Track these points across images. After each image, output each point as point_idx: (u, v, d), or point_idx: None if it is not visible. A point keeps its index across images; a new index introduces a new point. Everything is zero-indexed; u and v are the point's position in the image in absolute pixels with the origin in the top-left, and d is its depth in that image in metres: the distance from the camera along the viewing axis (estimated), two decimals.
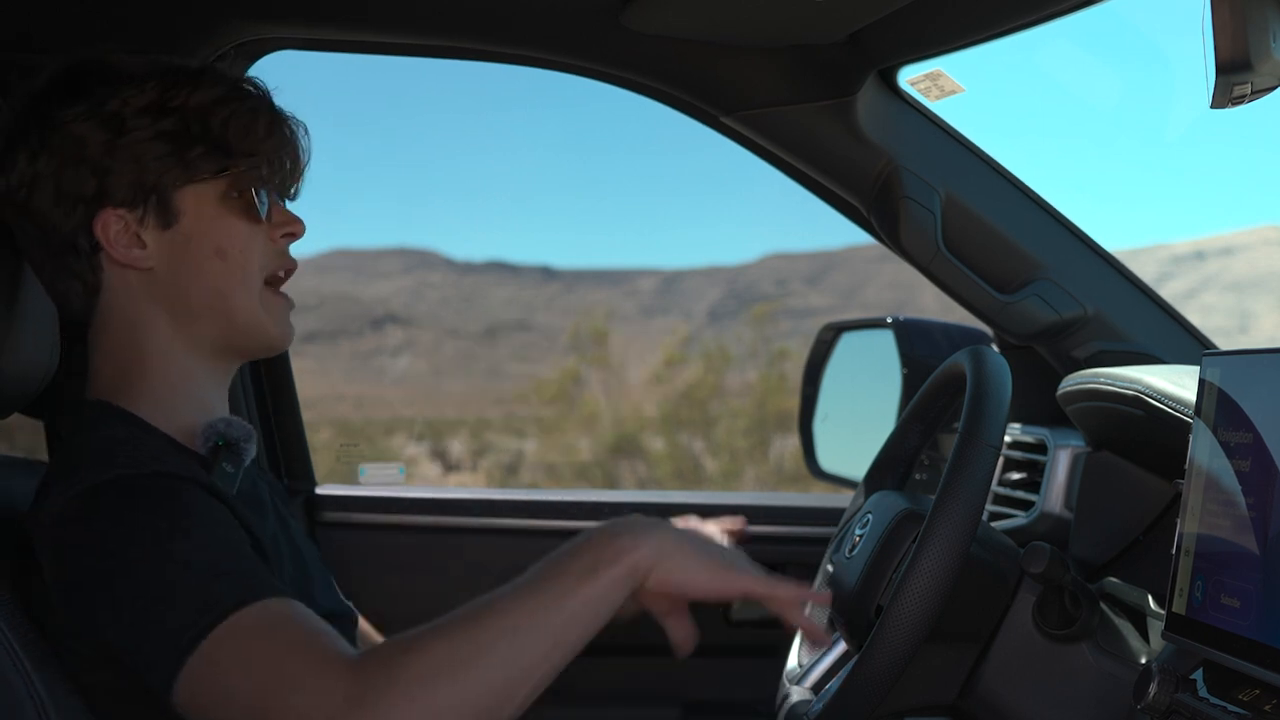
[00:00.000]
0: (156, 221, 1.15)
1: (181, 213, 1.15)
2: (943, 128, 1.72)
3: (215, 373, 1.21)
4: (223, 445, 1.15)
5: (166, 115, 1.15)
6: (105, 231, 1.14)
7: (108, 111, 1.14)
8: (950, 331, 1.96)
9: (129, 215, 1.15)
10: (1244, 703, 0.96)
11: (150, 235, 1.15)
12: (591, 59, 1.69)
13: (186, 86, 1.16)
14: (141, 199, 1.14)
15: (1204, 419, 1.06)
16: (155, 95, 1.15)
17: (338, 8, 1.63)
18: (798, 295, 20.53)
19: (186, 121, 1.15)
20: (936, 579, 1.08)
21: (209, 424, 1.16)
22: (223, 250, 1.16)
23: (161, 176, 1.14)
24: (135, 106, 1.14)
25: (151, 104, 1.15)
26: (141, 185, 1.14)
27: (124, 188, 1.14)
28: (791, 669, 1.45)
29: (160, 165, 1.14)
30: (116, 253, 1.15)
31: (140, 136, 1.14)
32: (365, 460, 2.17)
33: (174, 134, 1.15)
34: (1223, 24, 0.87)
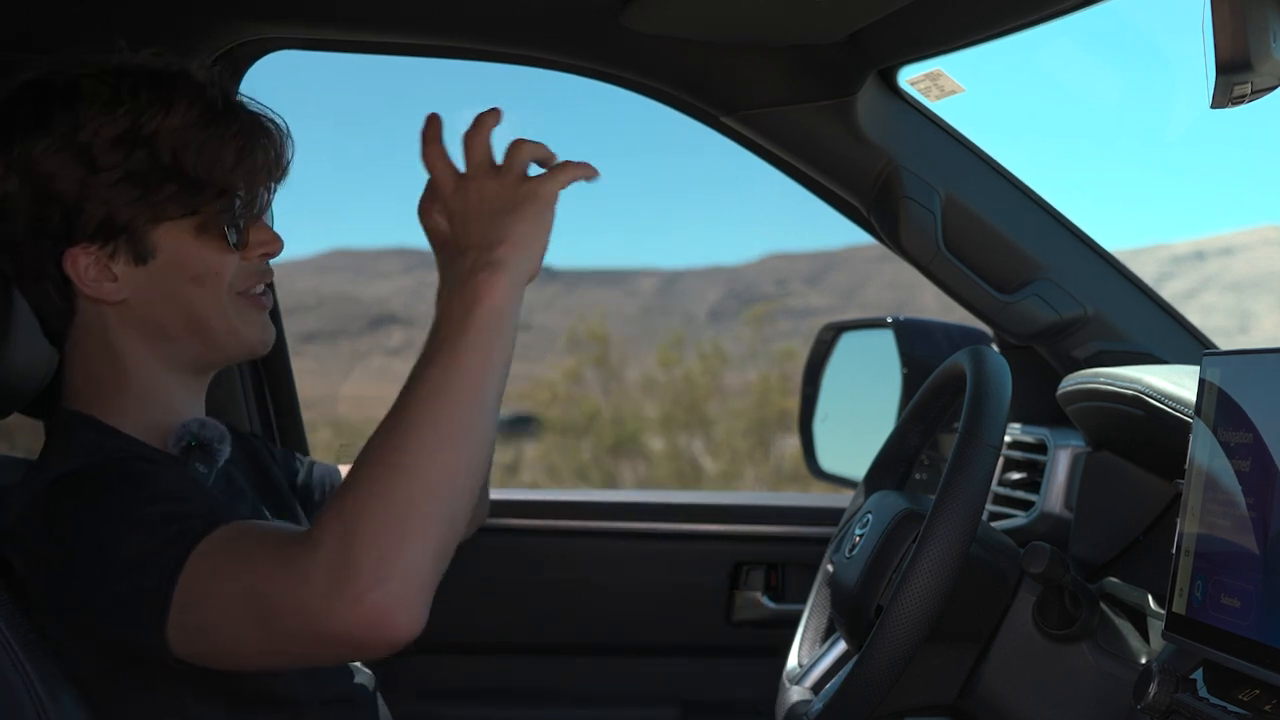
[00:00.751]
0: (129, 257, 1.13)
1: (156, 249, 1.13)
2: (943, 128, 1.72)
3: (190, 383, 1.20)
4: (195, 446, 1.15)
5: (138, 147, 1.11)
6: (75, 267, 1.12)
7: (79, 143, 1.10)
8: (950, 331, 1.96)
9: (99, 251, 1.12)
10: (1244, 703, 0.96)
11: (121, 269, 1.13)
12: (591, 59, 1.69)
13: (159, 110, 1.12)
14: (112, 236, 1.12)
15: (1204, 419, 1.06)
16: (127, 123, 1.11)
17: (338, 8, 1.63)
18: (798, 295, 20.52)
19: (157, 155, 1.11)
20: (936, 579, 1.08)
21: (182, 424, 1.15)
22: (200, 277, 1.14)
23: (132, 218, 1.11)
24: (106, 137, 1.10)
25: (123, 134, 1.11)
26: (112, 225, 1.11)
27: (94, 226, 1.11)
28: (791, 669, 1.45)
29: (131, 208, 1.11)
30: (86, 288, 1.13)
31: (110, 177, 1.10)
32: None
33: (144, 173, 1.11)
34: (1223, 24, 0.87)
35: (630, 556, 2.02)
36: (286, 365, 1.97)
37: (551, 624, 2.03)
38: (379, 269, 21.84)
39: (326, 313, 19.99)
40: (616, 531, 2.03)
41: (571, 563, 2.02)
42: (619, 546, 2.02)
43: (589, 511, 2.06)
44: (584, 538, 2.03)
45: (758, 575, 2.03)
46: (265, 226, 1.20)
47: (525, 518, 2.03)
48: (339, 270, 21.62)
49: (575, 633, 2.03)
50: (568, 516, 2.04)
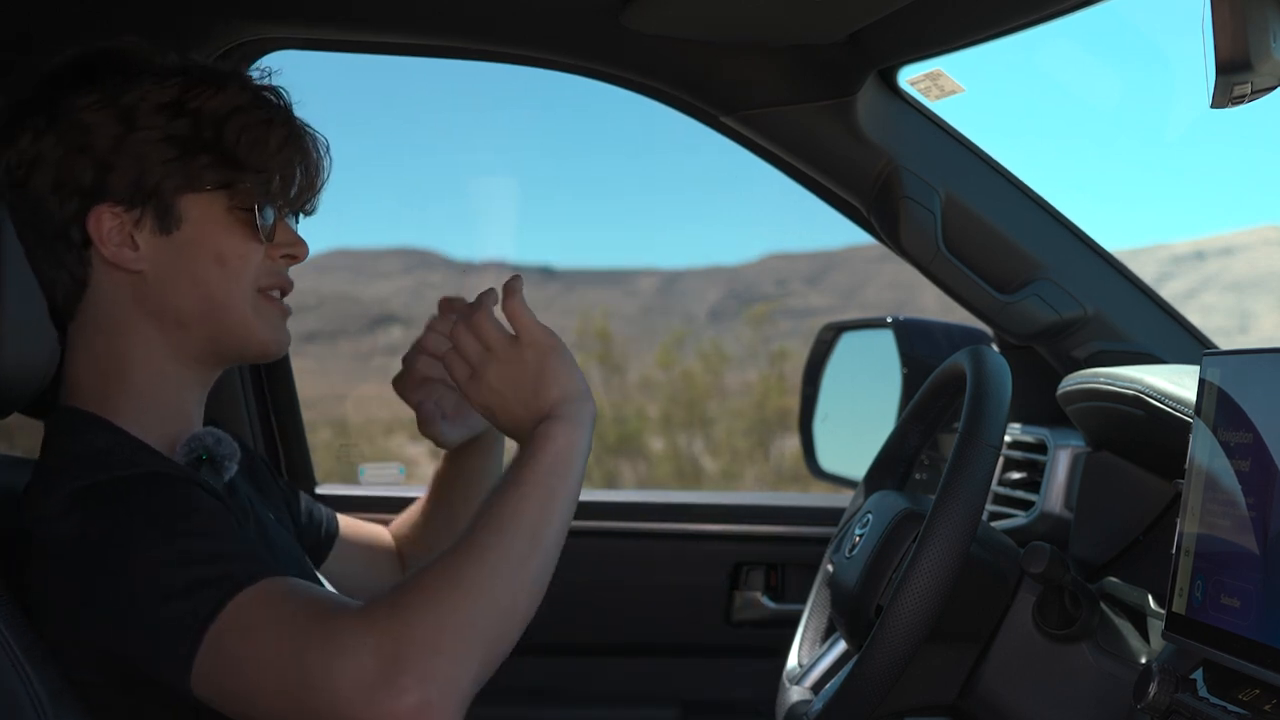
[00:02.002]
0: (154, 225, 1.12)
1: (183, 220, 1.12)
2: (943, 128, 1.72)
3: (196, 380, 1.18)
4: (205, 459, 1.14)
5: (181, 116, 1.12)
6: (98, 227, 1.11)
7: (123, 104, 1.11)
8: (950, 331, 1.96)
9: (125, 214, 1.11)
10: (1244, 703, 0.96)
11: (145, 238, 1.12)
12: (591, 59, 1.69)
13: (209, 89, 1.13)
14: (140, 200, 1.11)
15: (1204, 419, 1.06)
16: (175, 93, 1.12)
17: (338, 8, 1.63)
18: (798, 295, 20.52)
19: (200, 126, 1.12)
20: (936, 579, 1.08)
21: (194, 435, 1.14)
22: (223, 257, 1.13)
23: (163, 180, 1.11)
24: (152, 103, 1.11)
25: (169, 102, 1.12)
26: (142, 186, 1.11)
27: (124, 186, 1.11)
28: (791, 669, 1.45)
29: (163, 169, 1.11)
30: (107, 250, 1.12)
31: (149, 136, 1.11)
32: (365, 460, 2.17)
33: (184, 139, 1.11)
34: (1223, 24, 0.87)
35: (630, 556, 2.02)
36: (286, 365, 1.97)
37: (551, 624, 2.02)
38: (379, 269, 21.84)
39: (326, 313, 19.99)
40: (616, 531, 2.03)
41: (571, 562, 2.01)
42: (619, 546, 2.02)
43: (589, 511, 2.06)
44: (584, 538, 2.03)
45: (758, 575, 2.03)
46: (293, 230, 1.19)
47: None
48: (339, 270, 21.62)
49: (575, 632, 2.03)
50: None
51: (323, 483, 2.05)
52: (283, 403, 1.97)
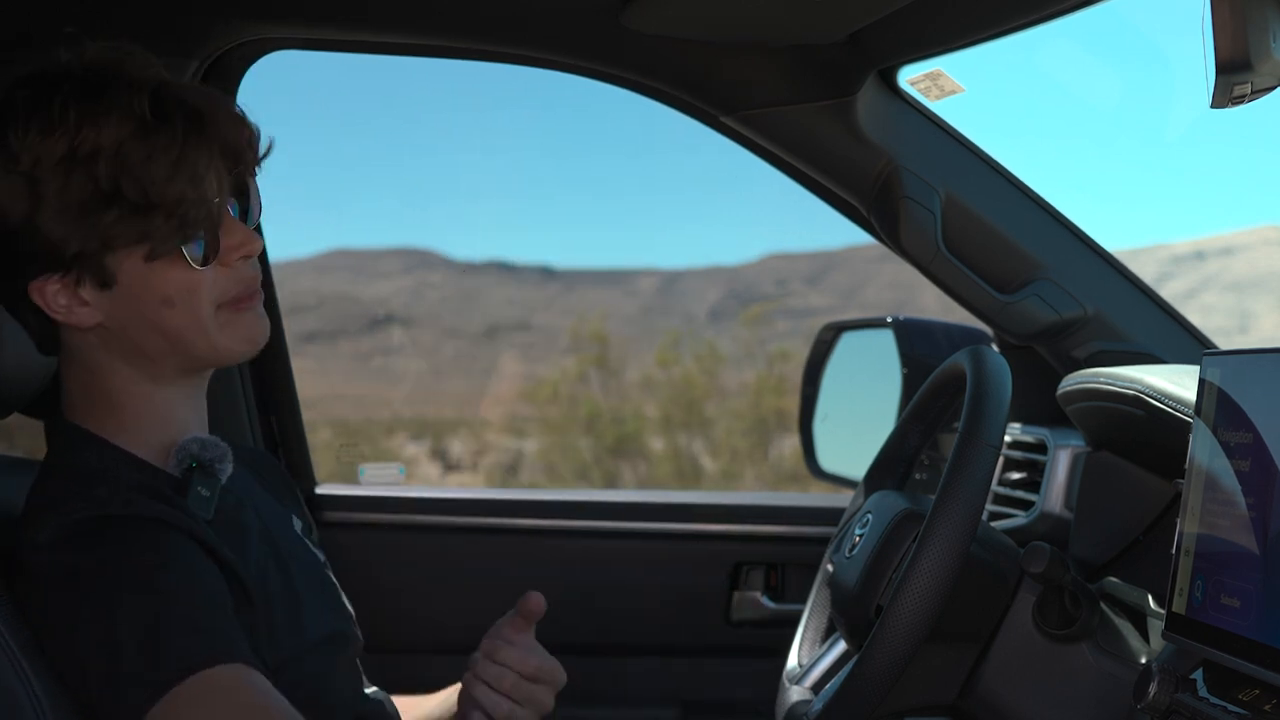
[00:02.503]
0: (93, 283, 1.09)
1: (117, 274, 1.09)
2: (943, 128, 1.72)
3: (183, 392, 1.18)
4: (195, 467, 1.13)
5: (75, 170, 1.06)
6: (43, 298, 1.10)
7: (23, 170, 1.06)
8: (950, 331, 1.96)
9: (62, 280, 1.09)
10: (1244, 703, 0.96)
11: (90, 294, 1.10)
12: (591, 59, 1.69)
13: (91, 128, 1.06)
14: (71, 265, 1.08)
15: (1204, 419, 1.06)
16: (64, 146, 1.06)
17: (338, 8, 1.63)
18: (798, 295, 20.52)
19: (96, 178, 1.06)
20: (936, 579, 1.08)
21: (181, 445, 1.14)
22: (169, 299, 1.10)
23: (82, 248, 1.07)
24: (47, 163, 1.06)
25: (62, 157, 1.06)
26: (66, 256, 1.08)
27: (49, 258, 1.08)
28: (791, 669, 1.45)
29: (79, 237, 1.07)
30: (58, 315, 1.10)
31: (51, 205, 1.06)
32: (365, 460, 2.17)
33: (85, 200, 1.06)
34: (1223, 24, 0.87)
35: (630, 556, 2.02)
36: (286, 366, 1.97)
37: (551, 624, 2.03)
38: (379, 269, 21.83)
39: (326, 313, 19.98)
40: (616, 531, 2.03)
41: (572, 563, 2.02)
42: (619, 546, 2.02)
43: (589, 511, 2.06)
44: (584, 538, 2.03)
45: (758, 575, 2.03)
46: (239, 226, 1.13)
47: (525, 517, 2.03)
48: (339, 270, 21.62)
49: (575, 632, 2.03)
50: (568, 516, 2.04)
51: (323, 483, 2.05)
52: (283, 403, 1.97)
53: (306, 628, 1.16)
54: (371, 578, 1.92)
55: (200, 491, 1.12)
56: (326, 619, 1.22)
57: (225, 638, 1.03)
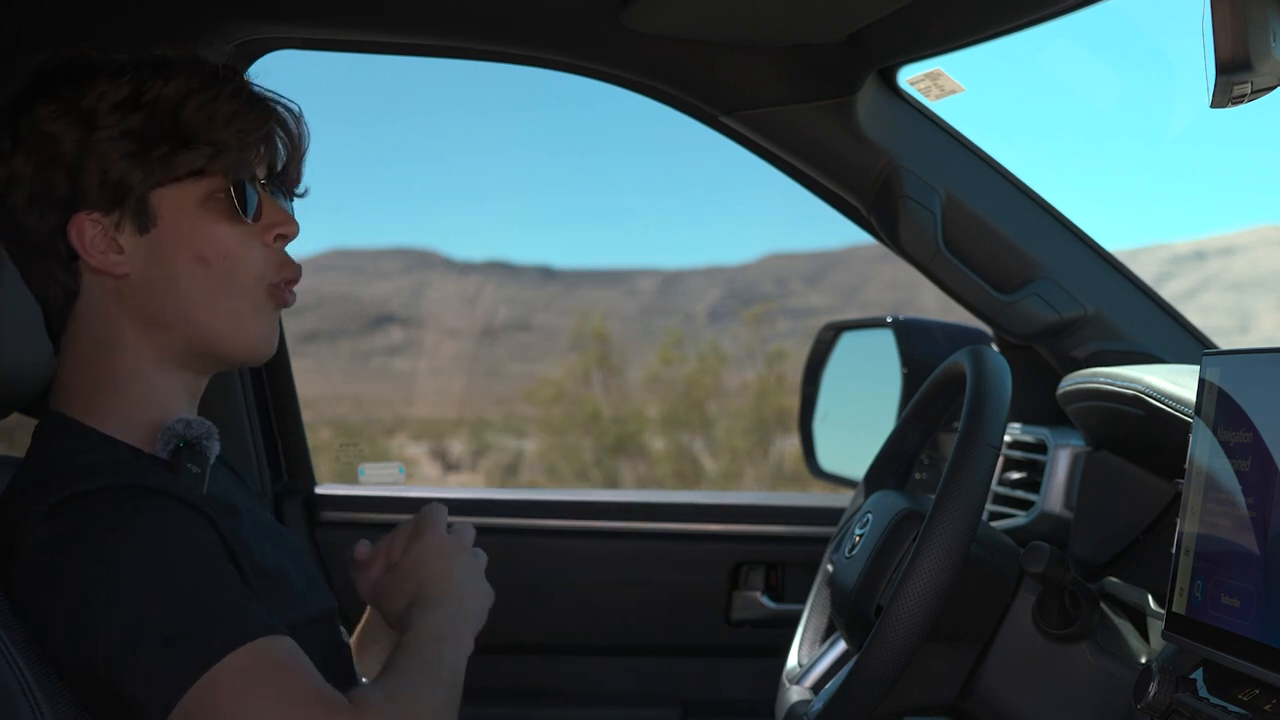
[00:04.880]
0: (134, 225, 1.10)
1: (159, 216, 1.11)
2: (943, 127, 1.72)
3: (186, 385, 1.17)
4: (184, 447, 1.12)
5: (136, 110, 1.10)
6: (80, 236, 1.10)
7: (82, 108, 1.10)
8: (950, 331, 1.96)
9: (105, 219, 1.10)
10: (1244, 703, 0.96)
11: (127, 240, 1.11)
12: (591, 59, 1.70)
13: (160, 78, 1.11)
14: (116, 202, 1.10)
15: (1204, 419, 1.06)
16: (129, 89, 1.10)
17: (338, 8, 1.63)
18: (798, 295, 20.53)
19: (157, 116, 1.10)
20: (936, 579, 1.08)
21: (167, 427, 1.12)
22: (204, 257, 1.11)
23: (127, 176, 1.09)
24: (109, 102, 1.10)
25: (124, 99, 1.10)
26: (110, 186, 1.10)
27: (95, 190, 1.10)
28: (791, 669, 1.45)
29: (126, 164, 1.09)
30: (92, 258, 1.10)
31: (107, 135, 1.09)
32: (365, 460, 2.17)
33: (140, 131, 1.10)
34: (1223, 24, 0.87)
35: (630, 556, 2.02)
36: (286, 365, 1.97)
37: (551, 624, 2.03)
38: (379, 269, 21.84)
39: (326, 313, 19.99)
40: (616, 531, 2.03)
41: (572, 563, 2.02)
42: (619, 546, 2.02)
43: (589, 511, 2.06)
44: (584, 538, 2.03)
45: (758, 575, 2.03)
46: (281, 208, 1.16)
47: (525, 517, 2.03)
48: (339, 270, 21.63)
49: (575, 632, 2.03)
50: (568, 516, 2.04)
51: (323, 483, 2.05)
52: (283, 403, 1.97)
53: (302, 607, 1.16)
54: None
55: (192, 469, 1.11)
56: (317, 599, 1.22)
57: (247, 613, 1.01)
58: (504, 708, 2.01)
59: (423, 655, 1.11)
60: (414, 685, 1.07)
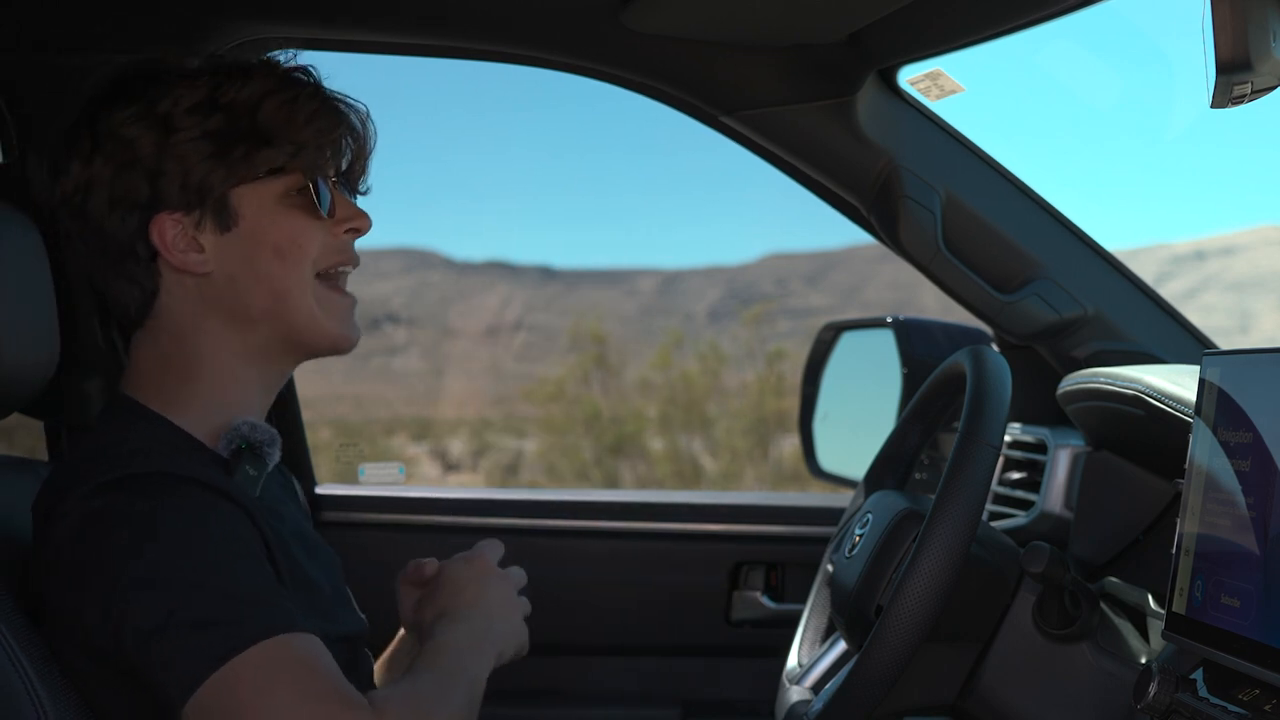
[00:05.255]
0: (214, 224, 1.13)
1: (240, 215, 1.13)
2: (943, 127, 1.72)
3: (268, 377, 1.19)
4: (245, 448, 1.13)
5: (215, 112, 1.13)
6: (162, 237, 1.13)
7: (159, 112, 1.12)
8: (950, 331, 1.96)
9: (185, 219, 1.13)
10: (1244, 703, 0.96)
11: (208, 239, 1.13)
12: (591, 59, 1.70)
13: (237, 81, 1.14)
14: (196, 202, 1.13)
15: (1204, 419, 1.06)
16: (205, 92, 1.13)
17: (338, 8, 1.63)
18: (798, 295, 20.54)
19: (234, 118, 1.13)
20: (936, 579, 1.08)
21: (233, 426, 1.14)
22: (280, 249, 1.14)
23: (208, 176, 1.12)
24: (186, 105, 1.13)
25: (201, 102, 1.13)
26: (192, 187, 1.12)
27: (176, 191, 1.12)
28: (791, 669, 1.45)
29: (206, 165, 1.12)
30: (174, 258, 1.13)
31: (186, 136, 1.12)
32: (365, 460, 2.17)
33: (219, 132, 1.13)
34: (1223, 24, 0.87)
35: (630, 556, 2.02)
36: None
37: (551, 624, 2.02)
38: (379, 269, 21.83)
39: None
40: (616, 531, 2.03)
41: (572, 563, 2.02)
42: (619, 546, 2.02)
43: (589, 511, 2.06)
44: (584, 538, 2.03)
45: (758, 575, 2.03)
46: (351, 203, 1.20)
47: (525, 517, 2.03)
48: None
49: (575, 632, 2.03)
50: (568, 516, 2.04)
51: (323, 483, 2.05)
52: (283, 403, 1.97)
53: (331, 621, 1.16)
54: (371, 578, 1.92)
55: (248, 471, 1.13)
56: (347, 618, 1.23)
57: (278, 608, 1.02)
58: (504, 707, 2.01)
59: (444, 665, 1.10)
60: (433, 691, 1.06)
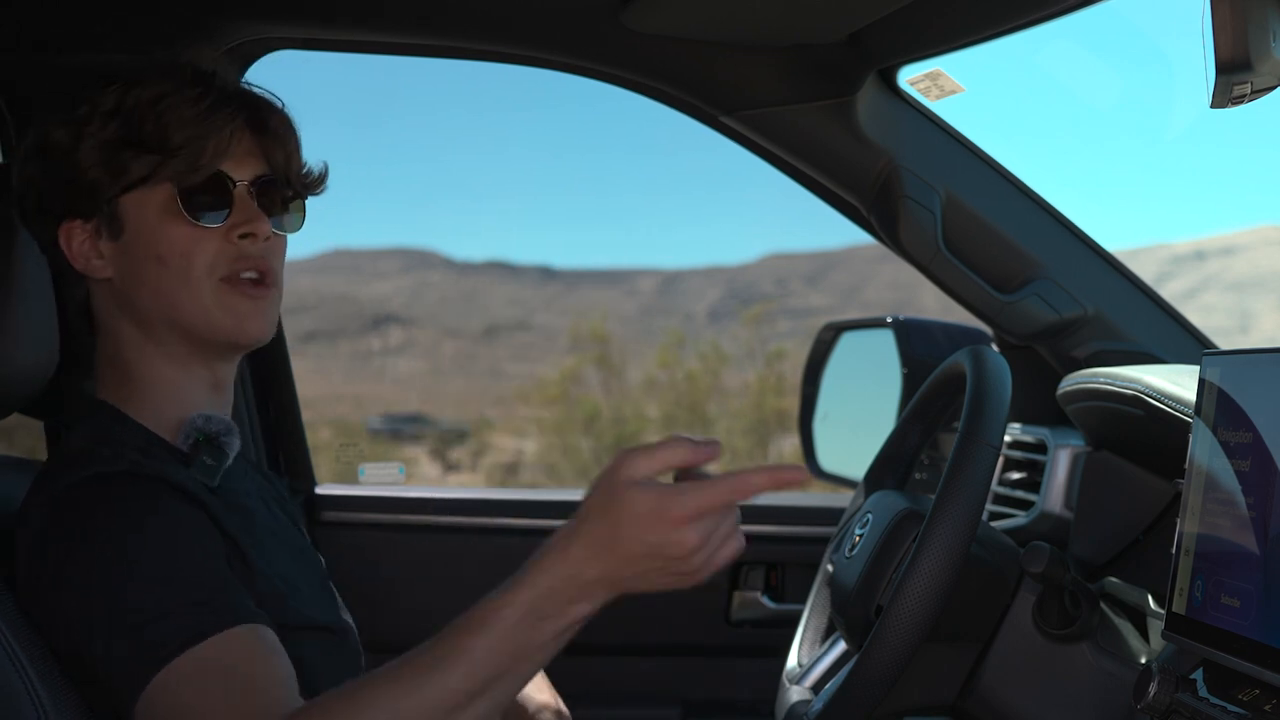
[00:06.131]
0: (108, 231, 1.15)
1: (126, 222, 1.14)
2: (943, 128, 1.72)
3: (198, 376, 1.19)
4: (202, 440, 1.15)
5: (116, 118, 1.13)
6: (68, 242, 1.15)
7: (77, 117, 1.14)
8: (950, 331, 1.96)
9: (85, 226, 1.15)
10: (1244, 703, 0.96)
11: (106, 246, 1.15)
12: (591, 59, 1.70)
13: (140, 85, 1.14)
14: (93, 209, 1.14)
15: (1204, 419, 1.06)
16: (114, 99, 1.14)
17: (338, 8, 1.63)
18: (798, 295, 20.54)
19: (131, 124, 1.13)
20: (936, 579, 1.08)
21: (188, 420, 1.16)
22: (161, 257, 1.14)
23: (99, 184, 1.13)
24: (101, 110, 1.13)
25: (110, 109, 1.14)
26: (86, 194, 1.14)
27: (78, 198, 1.14)
28: (791, 669, 1.45)
29: (98, 171, 1.13)
30: (77, 264, 1.16)
31: (89, 144, 1.13)
32: (365, 460, 2.17)
33: (115, 140, 1.13)
34: (1223, 24, 0.87)
35: None
36: (286, 365, 1.96)
37: None
38: (379, 269, 21.85)
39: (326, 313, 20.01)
40: None
41: None
42: None
43: None
44: None
45: (757, 575, 2.03)
46: (253, 208, 1.16)
47: (525, 517, 2.02)
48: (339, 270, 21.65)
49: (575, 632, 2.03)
50: (568, 516, 2.04)
51: (323, 483, 2.05)
52: (283, 403, 1.97)
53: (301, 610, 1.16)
54: (371, 578, 1.92)
55: (205, 460, 1.14)
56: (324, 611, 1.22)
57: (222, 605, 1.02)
58: None
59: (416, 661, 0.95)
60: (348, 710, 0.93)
